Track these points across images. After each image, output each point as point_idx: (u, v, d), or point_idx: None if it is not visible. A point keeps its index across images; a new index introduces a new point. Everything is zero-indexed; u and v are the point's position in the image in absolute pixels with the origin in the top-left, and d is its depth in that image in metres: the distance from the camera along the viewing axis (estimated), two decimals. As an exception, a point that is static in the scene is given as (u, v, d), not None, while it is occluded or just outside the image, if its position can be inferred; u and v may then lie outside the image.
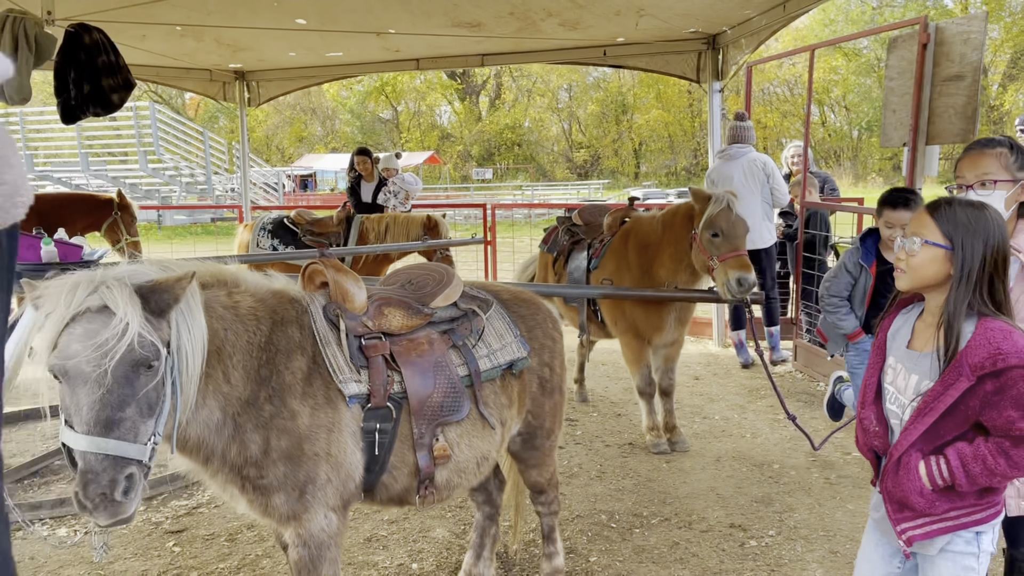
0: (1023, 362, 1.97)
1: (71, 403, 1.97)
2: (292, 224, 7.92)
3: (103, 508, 1.94)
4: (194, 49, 7.97)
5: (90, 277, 2.03)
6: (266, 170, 28.81)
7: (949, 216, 2.10)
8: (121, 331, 1.95)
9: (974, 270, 2.05)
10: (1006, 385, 1.98)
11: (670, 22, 6.84)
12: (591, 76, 44.61)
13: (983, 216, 2.09)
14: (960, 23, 5.08)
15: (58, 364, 1.95)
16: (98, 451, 1.93)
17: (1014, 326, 2.05)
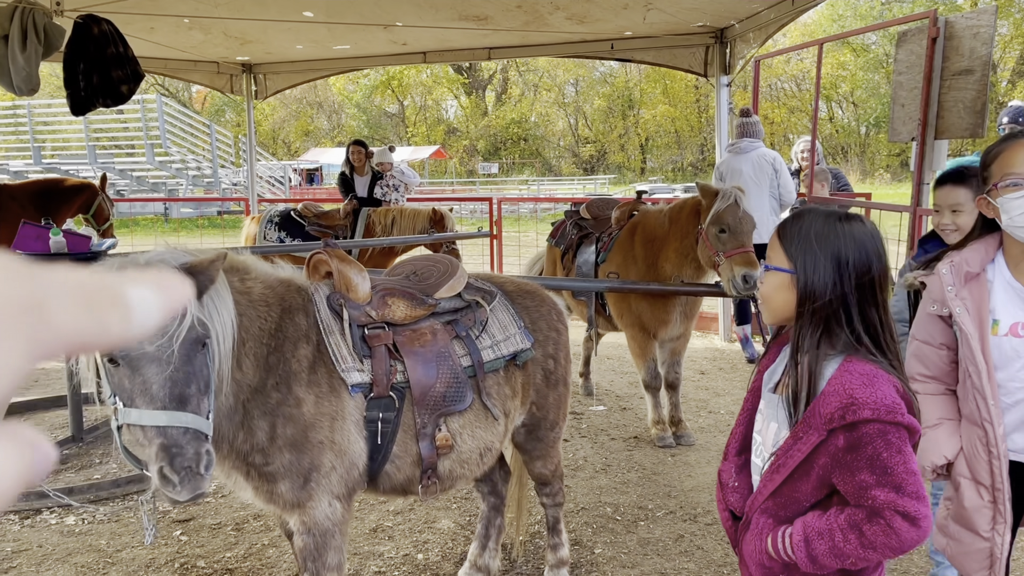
0: (879, 415, 1.59)
1: (134, 384, 2.01)
2: (299, 217, 7.94)
3: (188, 482, 1.99)
4: (202, 41, 7.98)
5: (134, 261, 2.06)
6: (272, 163, 28.84)
7: (793, 233, 1.76)
8: (183, 313, 2.00)
9: (820, 296, 1.69)
10: (860, 442, 1.61)
11: (678, 16, 6.82)
12: (598, 71, 44.51)
13: (837, 229, 1.72)
14: (970, 17, 5.06)
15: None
16: (180, 424, 1.99)
17: (888, 369, 1.67)
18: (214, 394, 2.17)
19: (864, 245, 1.71)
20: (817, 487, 1.70)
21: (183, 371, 2.03)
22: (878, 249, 1.73)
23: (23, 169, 20.43)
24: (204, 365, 2.12)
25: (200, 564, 3.61)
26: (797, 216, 1.79)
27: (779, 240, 1.78)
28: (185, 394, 2.03)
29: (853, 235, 1.71)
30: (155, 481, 2.02)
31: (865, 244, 1.72)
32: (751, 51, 7.10)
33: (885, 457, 1.59)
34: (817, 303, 1.70)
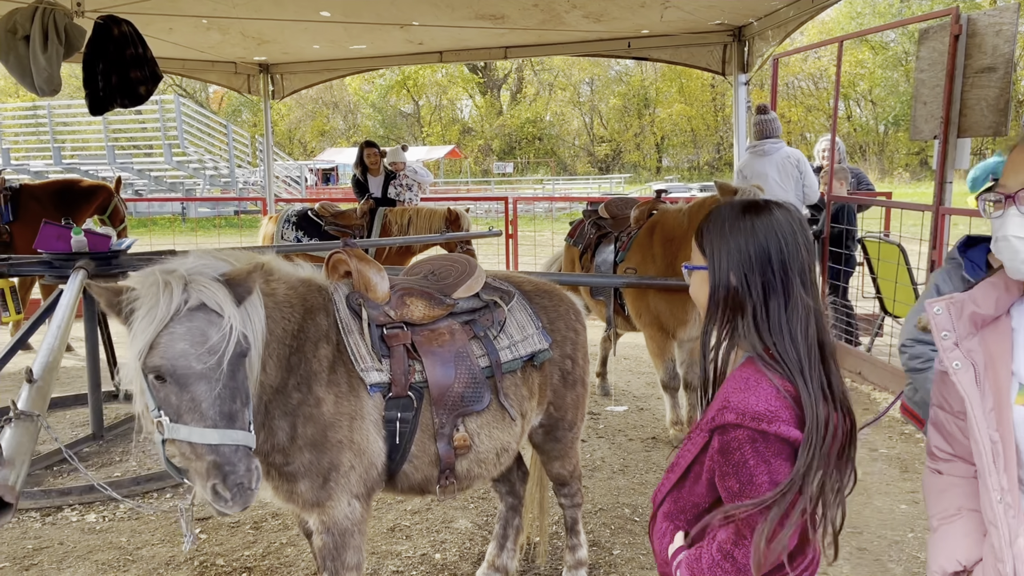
0: (742, 420, 1.50)
1: (182, 400, 2.02)
2: (316, 216, 7.96)
3: (240, 497, 2.02)
4: (219, 42, 8.02)
5: (177, 274, 2.06)
6: (288, 163, 28.97)
7: (705, 229, 1.67)
8: (229, 331, 2.03)
9: (725, 289, 1.60)
10: (728, 447, 1.53)
11: (695, 14, 6.79)
12: (613, 70, 44.42)
13: (743, 221, 1.61)
14: (992, 14, 5.00)
15: (165, 364, 1.99)
16: (232, 442, 2.02)
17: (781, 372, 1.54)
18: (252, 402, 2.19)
19: (768, 235, 1.58)
20: (709, 489, 1.63)
21: (229, 387, 2.05)
22: (786, 239, 1.58)
23: (43, 169, 20.64)
24: (245, 377, 2.14)
25: (219, 562, 3.62)
26: (712, 212, 1.70)
27: (696, 239, 1.70)
28: (232, 410, 2.05)
29: (757, 226, 1.59)
30: (206, 496, 2.04)
31: (769, 234, 1.58)
32: (769, 49, 7.05)
33: (752, 466, 1.51)
34: (721, 296, 1.61)
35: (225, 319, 2.04)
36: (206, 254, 2.25)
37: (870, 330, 6.69)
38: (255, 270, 2.15)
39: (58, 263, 4.74)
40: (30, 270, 5.04)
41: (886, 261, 6.11)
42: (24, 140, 23.48)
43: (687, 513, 1.68)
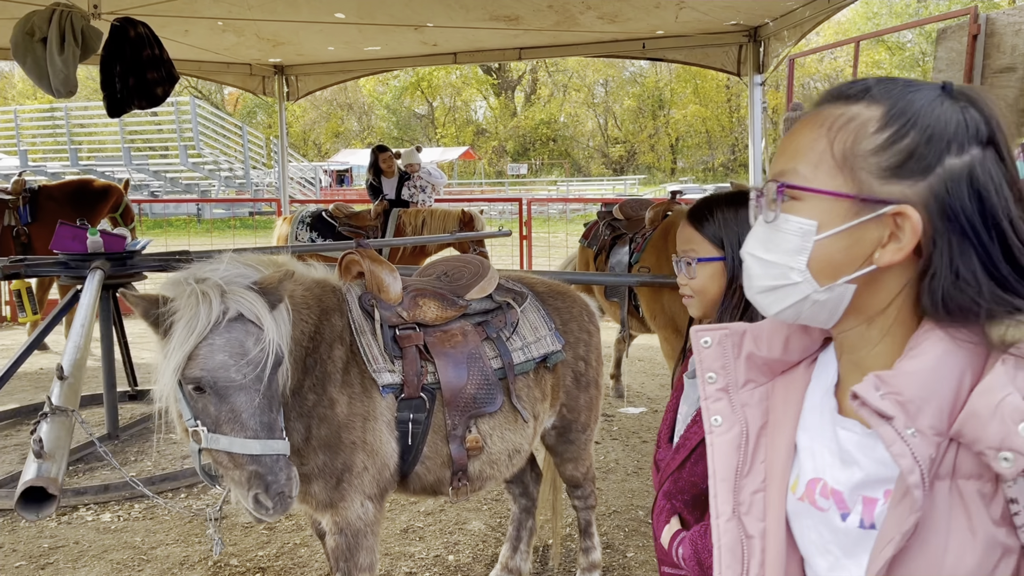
0: None
1: (221, 411, 2.04)
2: (330, 217, 7.98)
3: (281, 506, 2.06)
4: (235, 43, 8.06)
5: (212, 283, 2.07)
6: (303, 165, 29.10)
7: (713, 221, 1.75)
8: (268, 343, 2.06)
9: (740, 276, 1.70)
10: None
11: (711, 14, 6.75)
12: (627, 71, 44.32)
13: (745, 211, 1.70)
14: (1011, 14, 4.95)
15: (206, 375, 2.01)
16: (273, 452, 2.05)
17: None
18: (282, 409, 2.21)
19: None
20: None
21: (267, 396, 2.09)
22: None
23: (60, 171, 20.82)
24: (278, 386, 2.17)
25: (233, 562, 3.63)
26: (705, 206, 1.78)
27: (698, 231, 1.76)
28: (270, 420, 2.08)
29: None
30: (246, 504, 2.07)
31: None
32: (785, 50, 7.01)
33: None
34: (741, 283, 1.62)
35: (265, 331, 2.06)
36: (235, 261, 2.25)
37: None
38: (286, 277, 2.16)
39: (74, 264, 4.77)
40: (46, 271, 5.08)
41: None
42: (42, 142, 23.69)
43: (684, 494, 1.70)
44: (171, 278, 2.15)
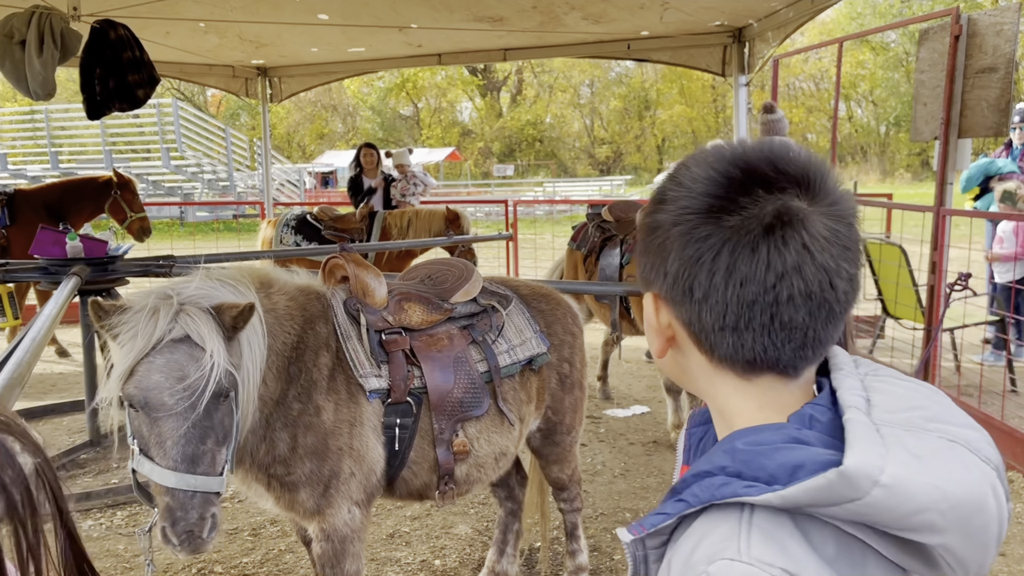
0: None
1: (151, 434, 1.96)
2: (315, 220, 7.93)
3: (188, 544, 1.96)
4: (217, 45, 8.00)
5: (168, 302, 2.00)
6: (287, 167, 28.95)
7: None
8: (209, 369, 1.95)
9: None
10: None
11: (695, 15, 6.76)
12: (613, 71, 44.38)
13: None
14: (993, 14, 4.98)
15: (138, 395, 1.94)
16: (187, 488, 1.94)
17: None
18: (235, 439, 2.11)
19: None
20: None
21: (200, 427, 1.98)
22: None
23: (40, 174, 20.63)
24: (227, 413, 2.06)
25: (217, 569, 3.59)
26: None
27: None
28: (198, 452, 1.97)
29: None
30: (157, 534, 1.99)
31: None
32: (769, 50, 7.02)
33: None
34: None
35: (207, 356, 1.95)
36: (210, 278, 2.19)
37: (872, 332, 6.65)
38: (248, 311, 2.06)
39: (54, 268, 4.70)
40: (26, 276, 5.01)
41: (887, 263, 6.08)
42: (21, 144, 23.46)
43: None
44: (143, 291, 2.10)
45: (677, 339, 0.85)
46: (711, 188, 0.78)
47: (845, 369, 0.82)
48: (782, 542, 0.70)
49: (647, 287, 0.86)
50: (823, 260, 0.77)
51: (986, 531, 0.71)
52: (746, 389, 0.83)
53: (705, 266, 0.77)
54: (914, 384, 0.82)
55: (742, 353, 0.80)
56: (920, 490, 0.68)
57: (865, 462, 0.68)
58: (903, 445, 0.71)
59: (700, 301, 0.79)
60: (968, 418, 0.79)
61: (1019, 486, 4.44)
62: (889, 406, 0.77)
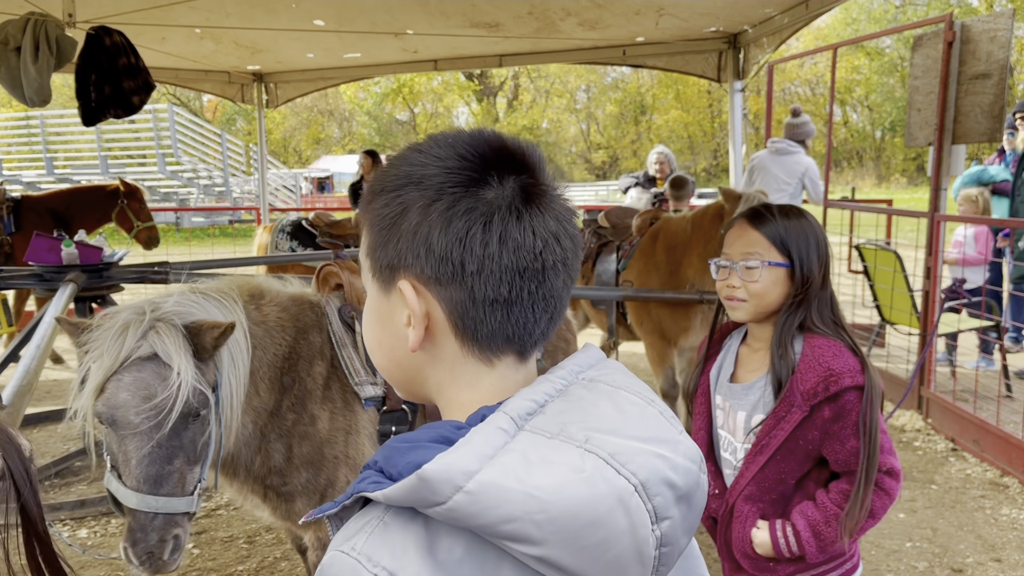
0: (857, 381, 1.70)
1: (118, 452, 1.95)
2: (311, 226, 7.92)
3: (149, 565, 1.93)
4: (213, 51, 8.00)
5: (139, 318, 1.97)
6: (283, 172, 28.92)
7: (778, 226, 1.83)
8: (176, 389, 1.91)
9: (812, 283, 1.80)
10: (843, 410, 1.71)
11: (690, 21, 6.78)
12: (609, 76, 44.47)
13: (804, 219, 1.85)
14: (986, 20, 5.00)
15: (106, 412, 1.92)
16: (148, 509, 1.91)
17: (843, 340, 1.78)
18: (210, 457, 2.08)
19: (820, 230, 1.86)
20: (802, 462, 1.79)
21: (167, 446, 1.94)
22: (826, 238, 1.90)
23: (35, 180, 20.58)
24: (199, 432, 2.02)
25: (212, 578, 3.58)
26: (767, 212, 1.87)
27: (764, 235, 1.83)
28: (163, 473, 1.94)
29: (812, 223, 1.85)
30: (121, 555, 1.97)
31: (819, 229, 1.86)
32: (765, 56, 7.04)
33: (868, 420, 1.71)
34: (810, 290, 1.80)
35: (174, 376, 1.92)
36: (189, 294, 2.16)
37: (868, 337, 6.66)
38: (226, 330, 2.03)
39: (49, 276, 4.69)
40: (21, 283, 5.00)
41: (883, 268, 6.09)
42: (16, 150, 23.41)
43: (771, 492, 1.81)
44: (117, 307, 2.08)
45: (431, 329, 0.82)
46: (466, 165, 0.79)
47: (560, 371, 0.83)
48: (396, 541, 0.69)
49: (395, 276, 0.82)
50: (572, 232, 0.83)
51: (608, 547, 0.68)
52: (483, 376, 0.83)
53: (477, 237, 0.77)
54: (624, 393, 0.80)
55: (507, 328, 0.81)
56: (512, 498, 0.66)
57: (452, 466, 0.67)
58: (524, 452, 0.69)
59: (475, 274, 0.78)
60: (662, 432, 0.76)
61: (1015, 492, 4.45)
62: (557, 412, 0.75)
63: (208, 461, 2.08)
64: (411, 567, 0.67)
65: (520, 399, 0.77)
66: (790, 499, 1.83)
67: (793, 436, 1.74)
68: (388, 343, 0.86)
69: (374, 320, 0.88)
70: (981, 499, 4.37)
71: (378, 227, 0.83)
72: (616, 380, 0.82)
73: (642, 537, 0.70)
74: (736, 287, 1.84)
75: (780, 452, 1.76)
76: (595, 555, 0.68)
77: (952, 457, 5.00)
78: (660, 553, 0.72)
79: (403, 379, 0.89)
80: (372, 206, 0.84)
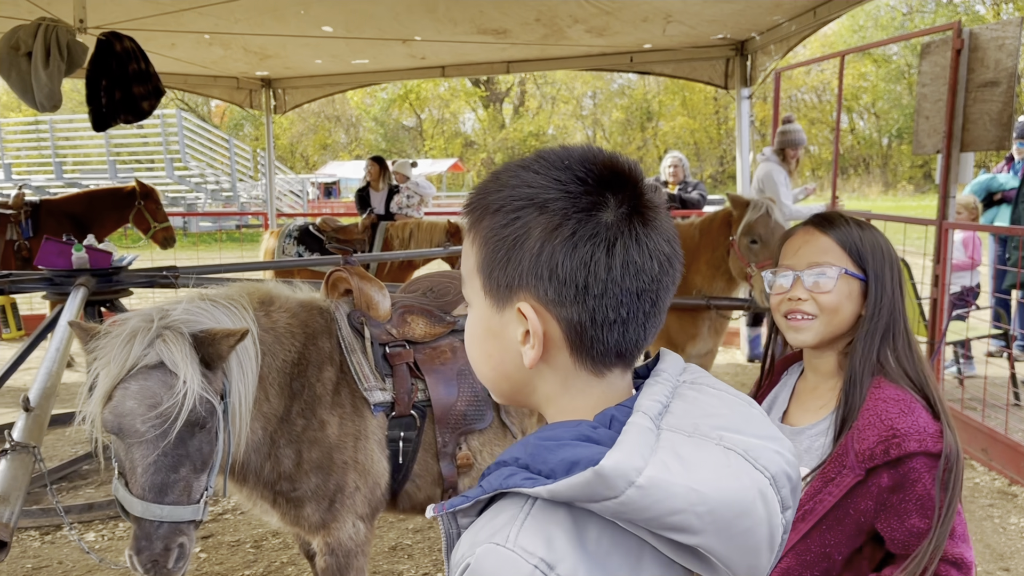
0: (926, 447, 1.39)
1: (125, 459, 1.96)
2: (318, 231, 7.95)
3: (153, 574, 1.94)
4: (222, 57, 8.04)
5: (147, 326, 1.97)
6: (290, 177, 29.00)
7: (854, 234, 1.55)
8: (181, 397, 1.92)
9: (887, 304, 1.52)
10: (906, 480, 1.41)
11: (698, 28, 6.79)
12: (616, 83, 44.51)
13: (880, 234, 1.57)
14: (994, 28, 4.99)
15: (112, 420, 1.93)
16: (153, 518, 1.92)
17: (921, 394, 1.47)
18: (217, 465, 2.09)
19: (892, 247, 1.59)
20: (852, 536, 1.47)
21: (173, 455, 1.95)
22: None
23: (44, 184, 20.67)
24: (206, 441, 2.03)
25: (219, 582, 3.59)
26: (839, 219, 1.59)
27: (836, 243, 1.55)
28: (168, 481, 1.94)
29: (884, 237, 1.58)
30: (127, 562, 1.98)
31: (891, 245, 1.59)
32: (772, 63, 7.05)
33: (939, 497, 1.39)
34: (884, 312, 1.52)
35: (179, 384, 1.92)
36: (198, 301, 2.16)
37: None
38: (234, 336, 2.03)
39: (59, 280, 4.71)
40: (31, 287, 5.02)
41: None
42: (26, 155, 23.53)
43: (812, 568, 1.49)
44: (131, 313, 2.10)
45: (547, 346, 0.84)
46: (586, 188, 0.81)
47: (663, 375, 0.87)
48: (550, 534, 0.73)
49: (513, 295, 0.84)
50: (680, 252, 0.87)
51: (751, 535, 0.75)
52: (593, 387, 0.86)
53: (601, 262, 0.80)
54: (726, 395, 0.86)
55: (621, 345, 0.84)
56: (677, 492, 0.71)
57: (623, 463, 0.71)
58: (674, 449, 0.75)
59: (597, 297, 0.80)
60: (769, 429, 0.83)
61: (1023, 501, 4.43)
62: (683, 412, 0.81)
63: (215, 469, 2.08)
64: (567, 559, 0.72)
65: (648, 399, 0.81)
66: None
67: (843, 504, 1.44)
68: (498, 357, 0.89)
69: (483, 334, 0.90)
70: (989, 508, 4.35)
71: (494, 246, 0.84)
72: (712, 382, 0.88)
73: (775, 524, 0.78)
74: (803, 299, 1.55)
75: (826, 521, 1.46)
76: (741, 542, 0.75)
77: (960, 465, 4.97)
78: (783, 539, 0.80)
79: (510, 390, 0.92)
80: (486, 223, 0.85)
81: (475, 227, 0.87)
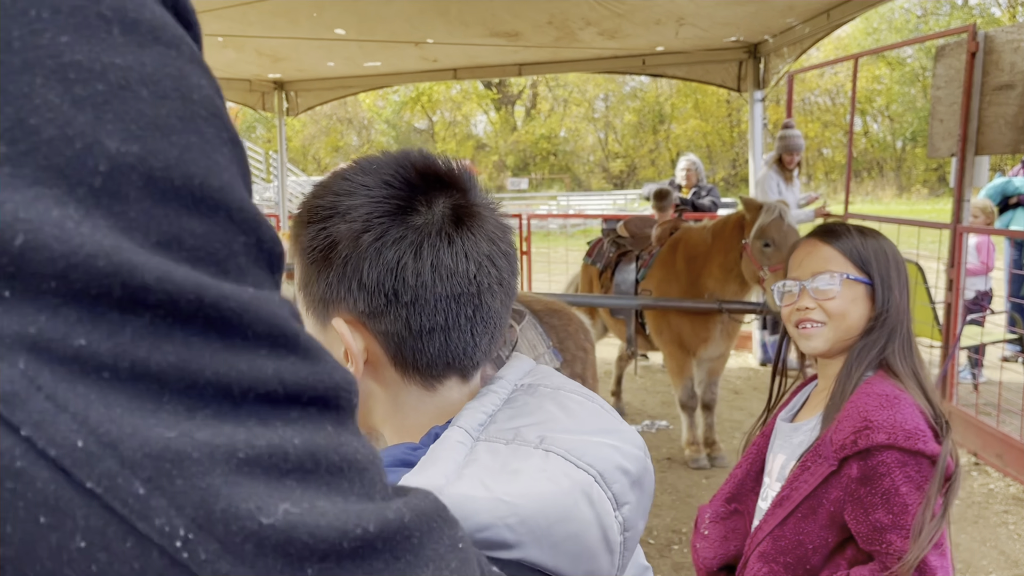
0: (896, 441, 1.40)
1: None
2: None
3: None
4: (235, 59, 8.08)
5: None
6: (302, 179, 29.12)
7: (856, 243, 1.60)
8: None
9: (894, 307, 1.57)
10: (875, 473, 1.42)
11: (711, 31, 6.77)
12: (628, 86, 44.45)
13: (885, 240, 1.63)
14: (1010, 31, 4.96)
15: None
16: None
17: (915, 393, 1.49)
18: None
19: (898, 252, 1.64)
20: (826, 527, 1.50)
21: None
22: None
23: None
24: None
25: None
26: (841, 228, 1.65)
27: (838, 251, 1.60)
28: None
29: (889, 243, 1.65)
30: None
31: (897, 250, 1.64)
32: (785, 66, 7.02)
33: (904, 493, 1.40)
34: (890, 315, 1.56)
35: None
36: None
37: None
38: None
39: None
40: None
41: (904, 279, 6.03)
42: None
43: (786, 555, 1.53)
44: None
45: (371, 362, 0.81)
46: (391, 192, 0.77)
47: (498, 383, 0.83)
48: None
49: (329, 311, 0.80)
50: (506, 250, 0.82)
51: (579, 539, 0.70)
52: (426, 402, 0.83)
53: (408, 267, 0.76)
54: (564, 393, 0.81)
55: (446, 354, 0.80)
56: (483, 507, 0.66)
57: (421, 485, 0.68)
58: (486, 462, 0.70)
59: (409, 305, 0.77)
60: (607, 424, 0.79)
61: (1039, 507, 4.39)
62: (507, 419, 0.76)
63: None
64: None
65: (470, 412, 0.77)
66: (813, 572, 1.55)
67: (817, 493, 1.49)
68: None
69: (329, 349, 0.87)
70: (1004, 514, 4.31)
71: (308, 261, 0.81)
72: (553, 382, 0.84)
73: (607, 524, 0.72)
74: (810, 308, 1.59)
75: (801, 509, 1.51)
76: (568, 548, 0.69)
77: (975, 471, 4.93)
78: (624, 538, 0.75)
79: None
80: (302, 237, 0.82)
81: (295, 242, 0.83)
